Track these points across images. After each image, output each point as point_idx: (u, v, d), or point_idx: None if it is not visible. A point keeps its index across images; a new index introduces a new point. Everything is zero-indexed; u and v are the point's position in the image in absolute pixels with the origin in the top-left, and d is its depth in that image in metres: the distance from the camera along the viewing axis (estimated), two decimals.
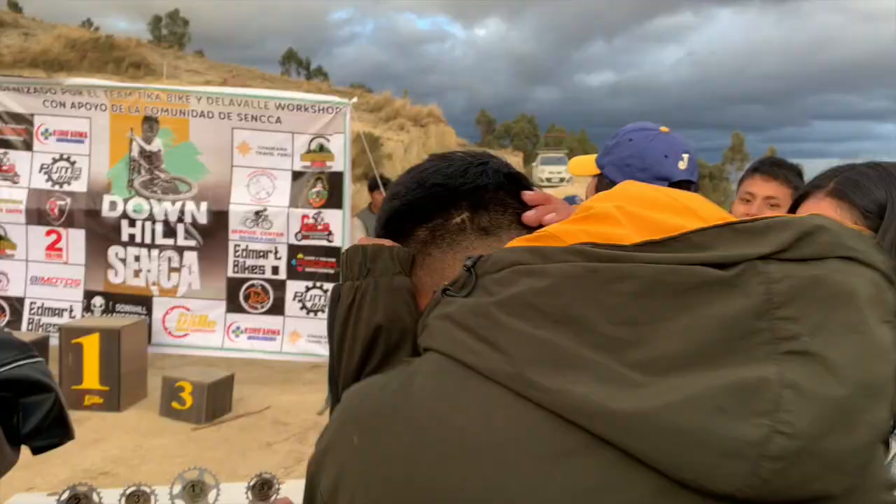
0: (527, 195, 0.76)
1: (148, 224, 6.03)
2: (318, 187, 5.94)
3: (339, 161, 5.91)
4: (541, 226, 0.75)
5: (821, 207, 1.18)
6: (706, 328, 0.49)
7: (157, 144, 6.00)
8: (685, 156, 1.62)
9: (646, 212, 0.58)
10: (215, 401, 5.28)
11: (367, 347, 0.76)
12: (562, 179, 31.18)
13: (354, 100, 6.03)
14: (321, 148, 5.92)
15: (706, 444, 0.46)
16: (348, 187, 5.92)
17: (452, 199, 0.76)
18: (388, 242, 0.80)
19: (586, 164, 1.77)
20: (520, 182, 0.82)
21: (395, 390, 0.57)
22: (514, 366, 0.52)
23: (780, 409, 0.46)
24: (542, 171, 32.73)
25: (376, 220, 0.86)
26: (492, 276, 0.59)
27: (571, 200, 4.95)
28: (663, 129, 1.68)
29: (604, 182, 1.67)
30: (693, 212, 0.58)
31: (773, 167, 2.35)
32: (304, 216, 5.94)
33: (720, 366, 0.48)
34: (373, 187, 6.65)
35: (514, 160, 44.73)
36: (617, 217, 0.58)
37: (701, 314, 0.50)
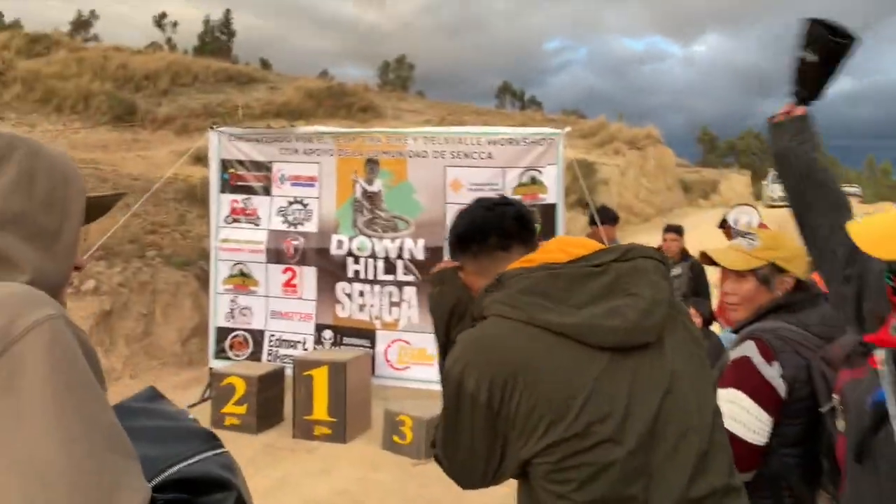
0: None
1: (370, 261, 6.30)
2: None
3: (553, 193, 5.77)
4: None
5: None
6: (595, 289, 1.38)
7: (378, 185, 6.27)
8: None
9: (568, 248, 1.47)
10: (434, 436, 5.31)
11: (450, 316, 1.69)
12: None
13: (567, 129, 5.88)
14: (533, 181, 5.82)
15: (601, 329, 1.32)
16: (562, 220, 5.75)
17: (487, 233, 1.57)
18: (453, 264, 1.70)
19: None
20: (524, 223, 1.60)
21: (482, 331, 1.41)
22: (526, 314, 1.35)
23: (626, 314, 1.34)
24: (773, 191, 30.05)
25: (450, 232, 1.67)
26: (510, 279, 1.42)
27: None
28: None
29: None
30: (586, 246, 1.48)
31: None
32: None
33: (603, 303, 1.36)
34: (591, 222, 6.37)
35: (741, 179, 41.79)
36: (555, 251, 1.47)
37: (593, 284, 1.39)
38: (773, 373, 1.90)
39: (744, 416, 1.90)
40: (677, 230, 6.12)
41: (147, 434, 0.89)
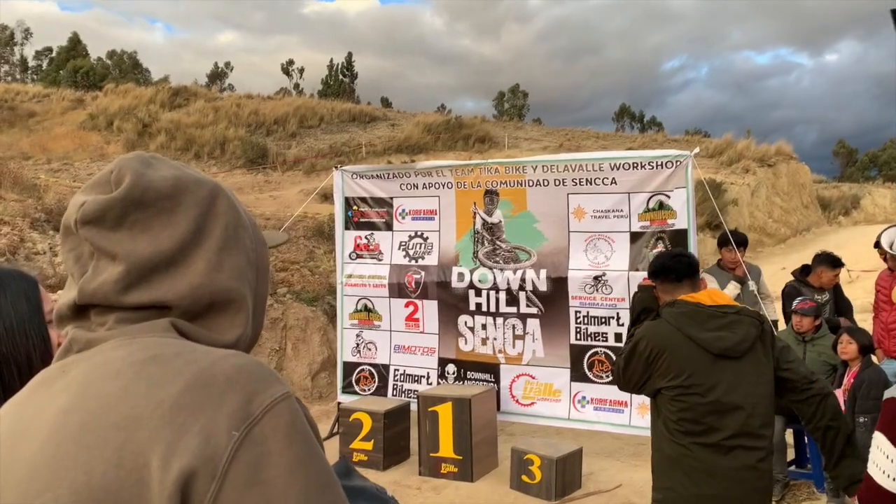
0: None
1: (492, 293, 6.20)
2: (660, 247, 5.55)
3: (682, 217, 5.47)
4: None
5: None
6: (717, 324, 2.74)
7: (497, 216, 6.18)
8: None
9: (714, 297, 2.86)
10: (564, 476, 5.10)
11: (640, 311, 3.10)
12: None
13: (696, 150, 5.57)
14: (661, 205, 5.55)
15: (712, 344, 2.69)
16: (694, 246, 5.42)
17: (669, 273, 2.93)
18: (649, 282, 3.09)
19: None
20: (693, 270, 2.95)
21: (656, 324, 2.84)
22: (678, 326, 2.75)
23: (726, 341, 2.70)
24: None
25: (650, 266, 3.13)
26: (678, 304, 2.81)
27: None
28: None
29: None
30: (724, 300, 2.88)
31: None
32: (646, 279, 5.58)
33: (718, 332, 2.72)
34: (723, 243, 6.04)
35: (886, 193, 38.68)
36: (706, 297, 2.83)
37: (716, 321, 2.75)
38: None
39: (882, 461, 1.78)
40: (832, 262, 5.71)
41: None
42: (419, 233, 6.55)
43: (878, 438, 1.82)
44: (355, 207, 6.81)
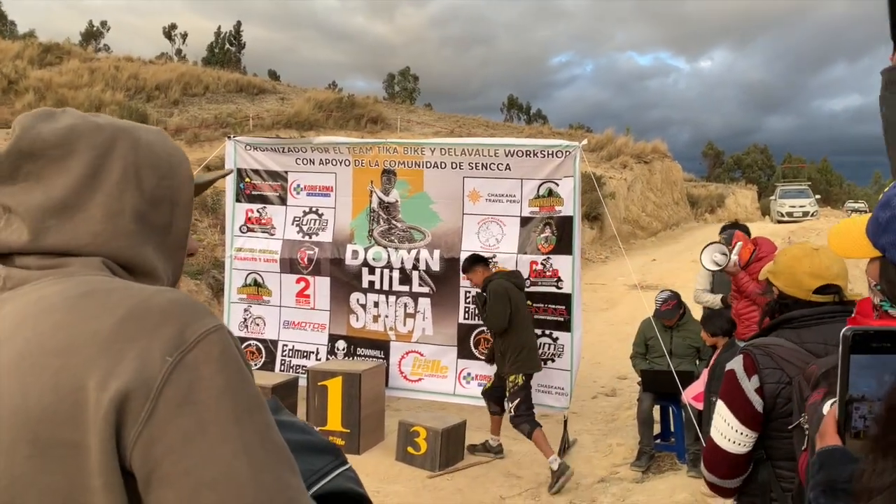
0: None
1: (386, 271, 6.30)
2: (547, 232, 5.83)
3: (569, 205, 5.77)
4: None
5: None
6: (516, 275, 5.66)
7: (394, 195, 6.27)
8: None
9: (504, 268, 5.84)
10: (448, 447, 5.30)
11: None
12: (805, 213, 28.20)
13: (584, 142, 5.88)
14: (550, 193, 5.82)
15: (518, 283, 5.50)
16: (577, 232, 5.75)
17: (486, 262, 5.69)
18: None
19: (856, 242, 1.36)
20: (487, 262, 5.69)
21: (499, 282, 5.40)
22: (505, 280, 5.44)
23: (519, 283, 5.54)
24: (781, 206, 29.91)
25: (465, 261, 5.85)
26: (496, 274, 5.55)
27: None
28: None
29: (890, 268, 1.31)
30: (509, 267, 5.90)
31: None
32: (533, 262, 5.86)
33: (517, 279, 5.60)
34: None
35: (747, 194, 41.70)
36: (501, 269, 5.72)
37: (514, 273, 5.71)
38: (749, 386, 1.98)
39: (722, 426, 2.02)
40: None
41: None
42: (314, 209, 6.54)
43: (719, 405, 2.05)
44: (248, 180, 6.70)
